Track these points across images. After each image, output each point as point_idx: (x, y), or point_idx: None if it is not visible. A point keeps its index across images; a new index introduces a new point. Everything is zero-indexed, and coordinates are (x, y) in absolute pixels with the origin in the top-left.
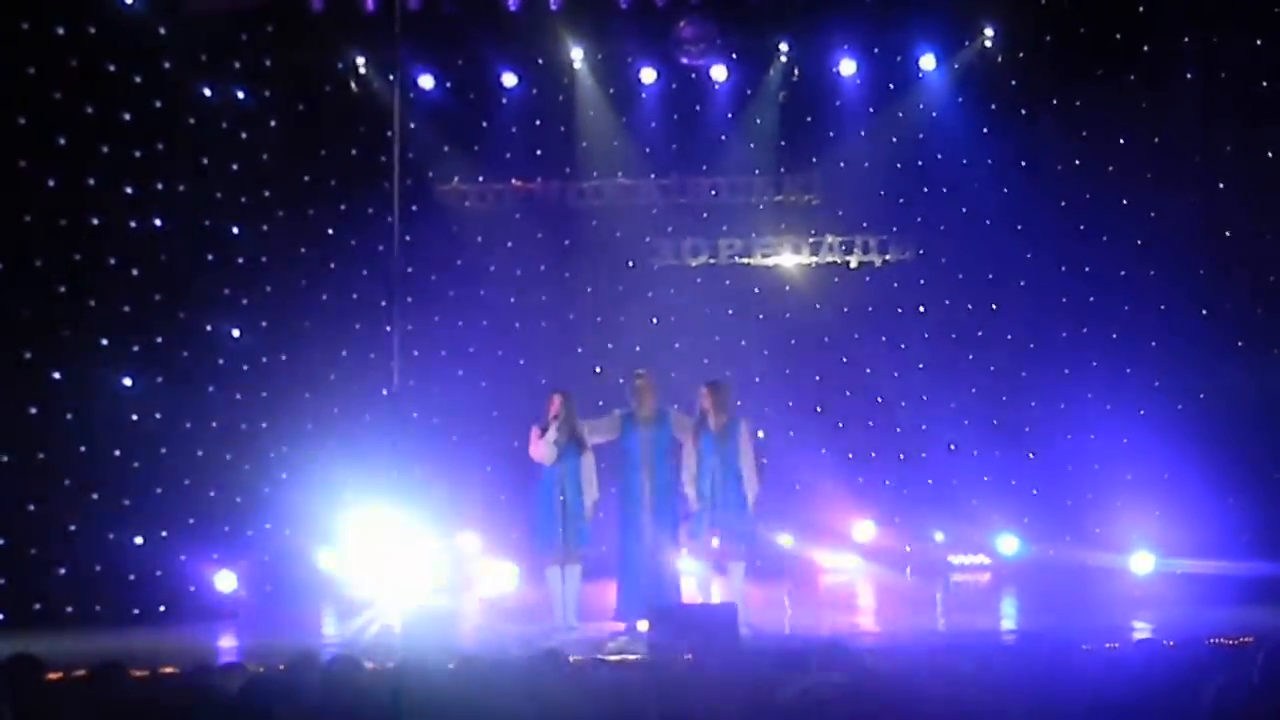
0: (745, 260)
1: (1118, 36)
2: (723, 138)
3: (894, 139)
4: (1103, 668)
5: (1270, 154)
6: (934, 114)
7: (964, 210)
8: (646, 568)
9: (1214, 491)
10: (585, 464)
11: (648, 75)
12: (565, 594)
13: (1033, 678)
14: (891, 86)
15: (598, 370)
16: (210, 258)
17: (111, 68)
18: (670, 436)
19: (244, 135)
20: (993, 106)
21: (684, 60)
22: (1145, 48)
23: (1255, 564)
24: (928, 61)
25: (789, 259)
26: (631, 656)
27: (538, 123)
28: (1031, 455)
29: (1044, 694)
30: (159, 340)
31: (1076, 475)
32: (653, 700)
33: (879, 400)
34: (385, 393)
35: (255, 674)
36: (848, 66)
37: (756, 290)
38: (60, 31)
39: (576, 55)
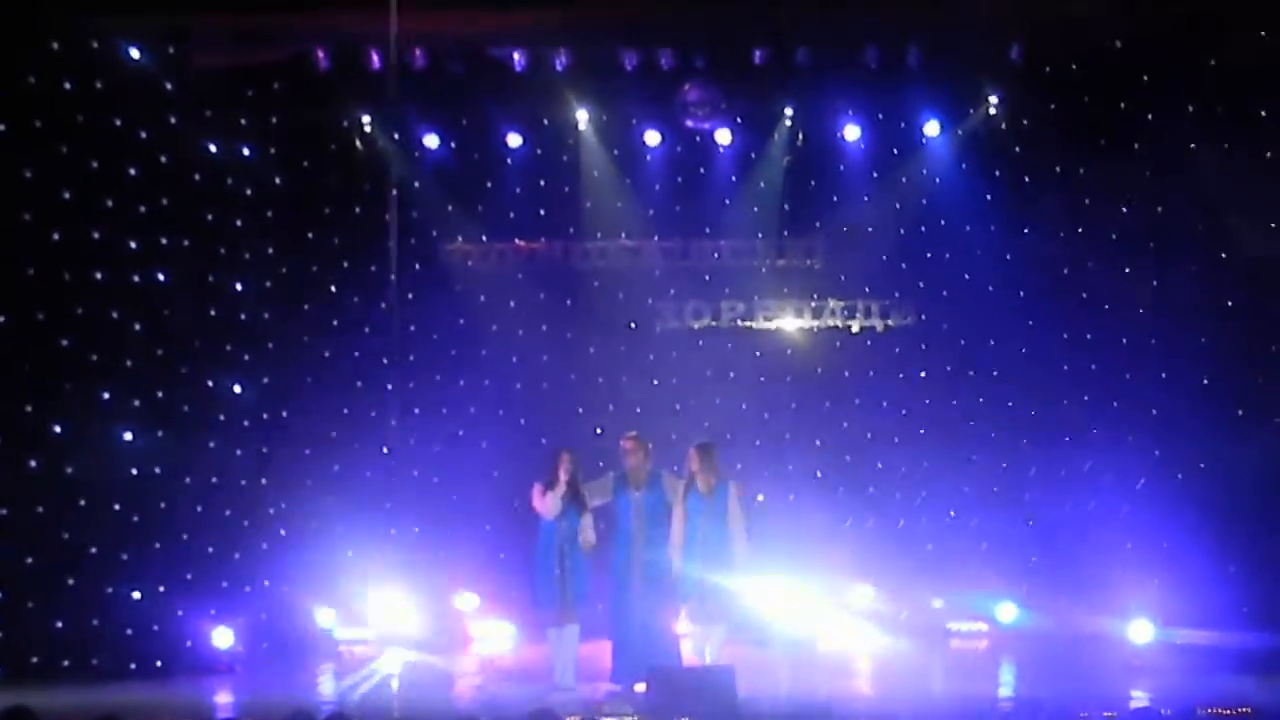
0: (747, 324)
1: (1122, 106)
2: (726, 201)
3: (897, 205)
4: None
5: (1272, 224)
6: (937, 180)
7: (966, 277)
8: (641, 629)
9: (1213, 561)
10: (585, 524)
11: (652, 138)
12: (563, 654)
13: None
14: (895, 152)
15: (598, 431)
16: (213, 313)
17: (118, 122)
18: (662, 499)
19: (249, 191)
20: (996, 174)
21: (689, 123)
22: (1149, 118)
23: (1253, 635)
24: (932, 128)
25: (791, 323)
26: (629, 718)
27: (542, 183)
28: (1030, 523)
29: None
30: (160, 395)
31: (1076, 543)
32: None
33: (879, 466)
34: (384, 451)
35: None
36: (852, 132)
37: (758, 354)
38: (68, 86)
39: (581, 117)
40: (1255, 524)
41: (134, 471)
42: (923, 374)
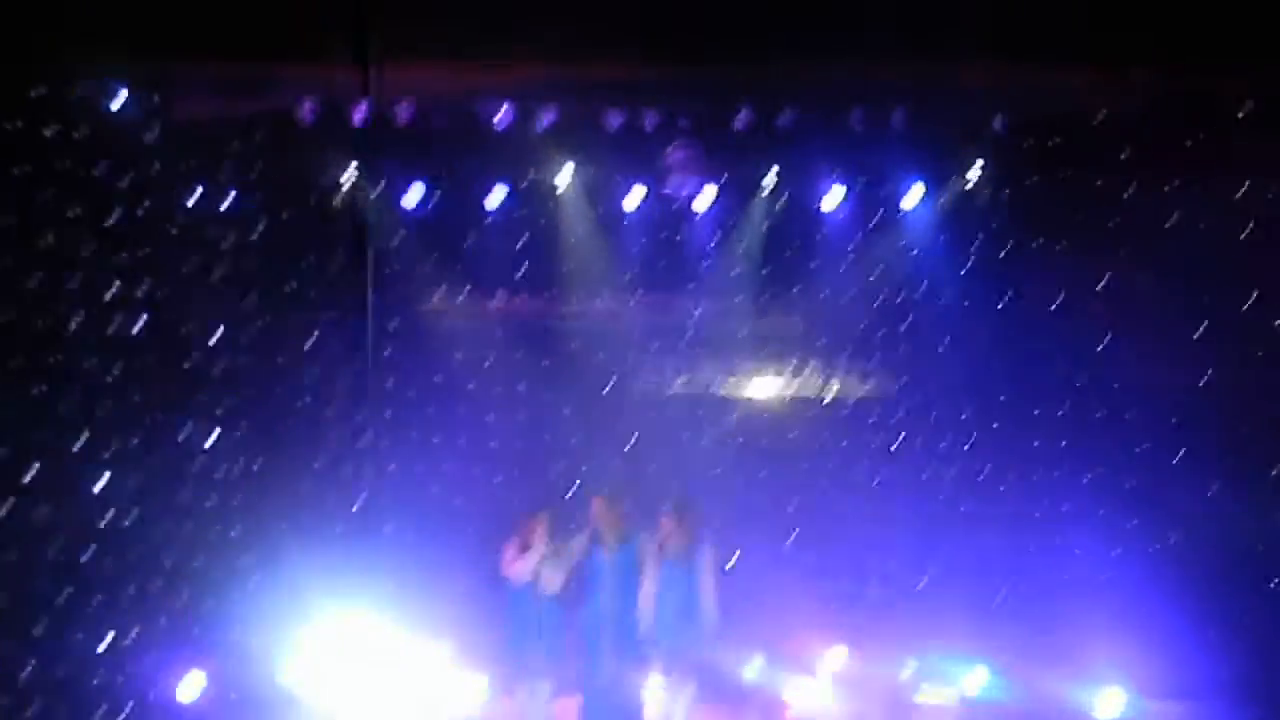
0: (724, 386)
1: (1098, 183)
2: (705, 263)
3: (878, 271)
4: None
5: (1255, 293)
6: (918, 249)
7: (941, 348)
8: (609, 691)
9: (1190, 631)
10: (546, 571)
11: (634, 197)
12: (534, 712)
13: None
14: (877, 219)
15: (571, 493)
16: (187, 364)
17: (97, 172)
18: (634, 559)
19: (227, 242)
20: (977, 241)
21: (671, 184)
22: (1130, 190)
23: (1224, 706)
24: (914, 195)
25: (768, 387)
26: None
27: (522, 241)
28: (1003, 590)
29: None
30: (134, 443)
31: (1048, 613)
32: None
33: (852, 532)
34: (354, 508)
35: None
36: (834, 197)
37: (734, 417)
38: (47, 133)
39: (564, 175)
40: (1232, 594)
41: (106, 518)
42: (899, 440)
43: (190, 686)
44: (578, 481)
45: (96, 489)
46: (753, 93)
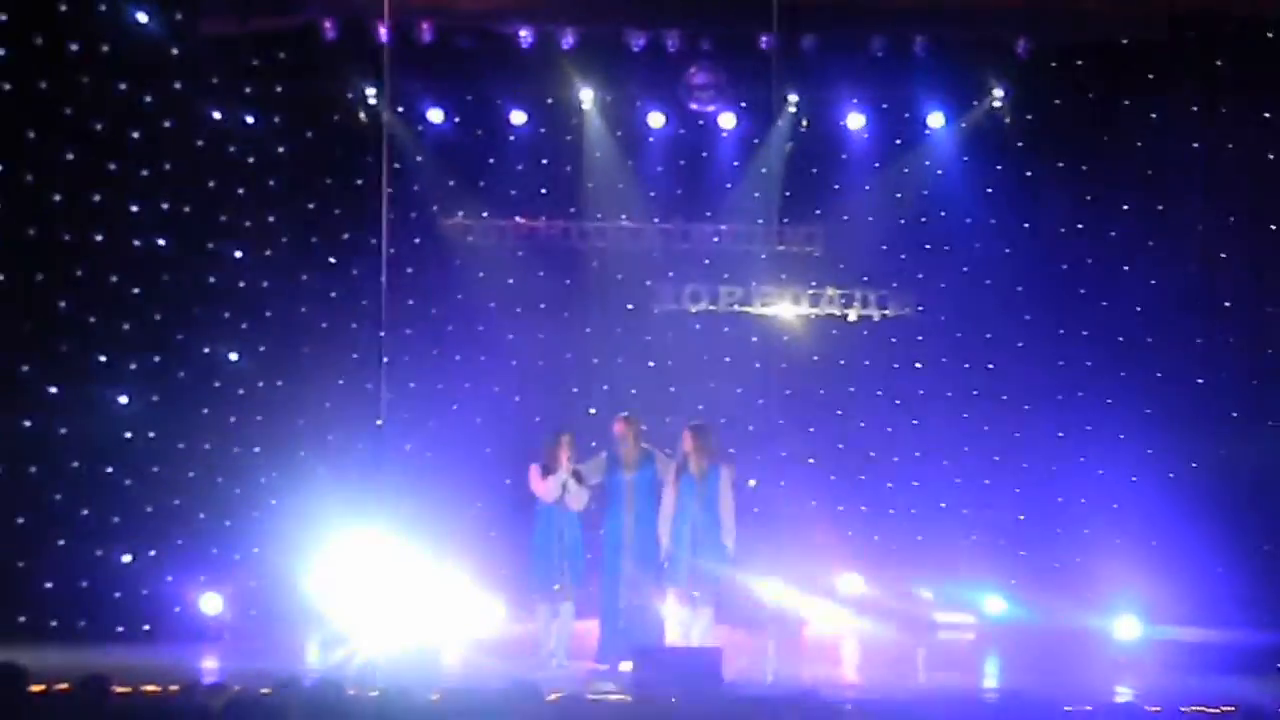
0: (744, 309)
1: (1125, 104)
2: (728, 185)
3: (898, 195)
4: None
5: (1274, 227)
6: (939, 172)
7: (965, 269)
8: (628, 610)
9: (1203, 559)
10: (574, 489)
11: (656, 119)
12: (558, 631)
13: None
14: (898, 142)
15: (591, 412)
16: (211, 280)
17: (123, 86)
18: (654, 480)
19: (251, 160)
20: (998, 167)
21: (693, 106)
22: (1152, 116)
23: (1241, 632)
24: (935, 119)
25: (788, 309)
26: (614, 696)
27: (544, 162)
28: (1021, 517)
29: None
30: (156, 360)
31: (1066, 538)
32: None
33: (871, 454)
34: (378, 423)
35: (239, 694)
36: (856, 121)
37: (754, 339)
38: (74, 48)
39: (586, 96)
40: (1247, 522)
41: (128, 435)
42: (918, 364)
43: (210, 602)
44: (597, 402)
45: (117, 406)
46: (776, 14)
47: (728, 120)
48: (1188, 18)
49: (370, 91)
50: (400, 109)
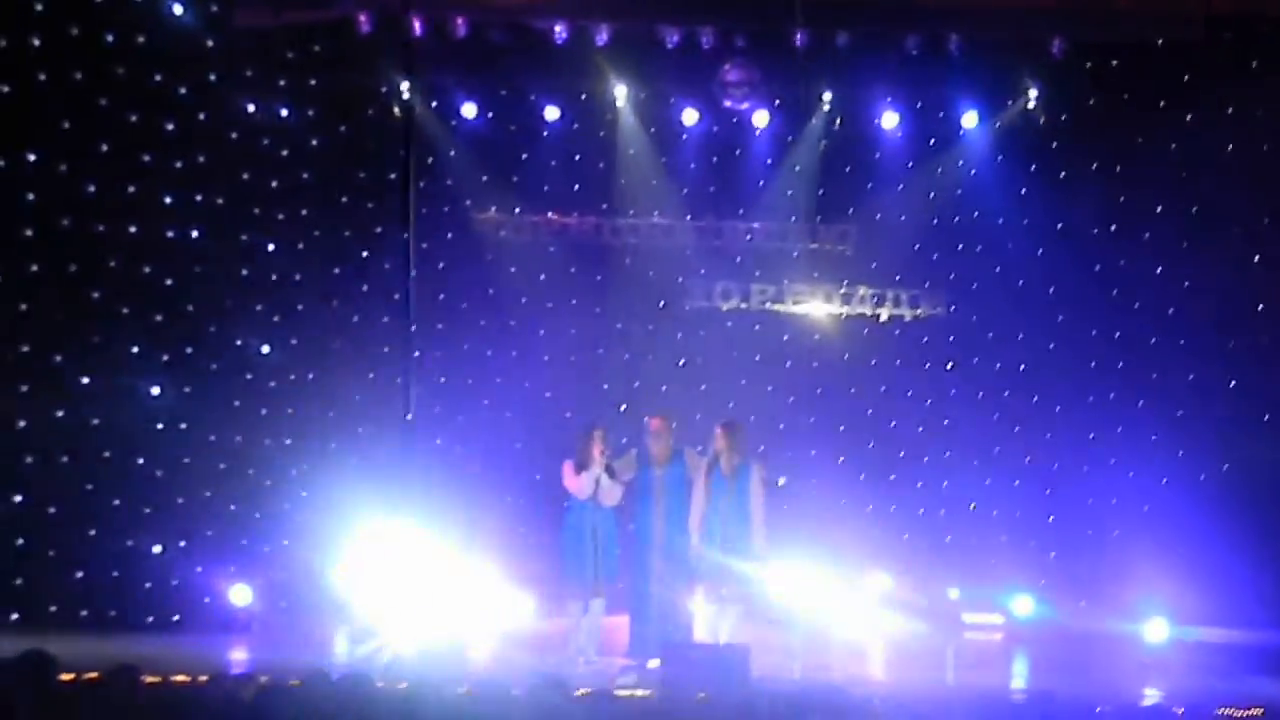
0: (776, 307)
1: (1161, 104)
2: (761, 183)
3: (932, 194)
4: None
5: None
6: (973, 171)
7: (997, 269)
8: (658, 606)
9: (1233, 562)
10: (608, 485)
11: (689, 116)
12: (588, 626)
13: None
14: (932, 142)
15: (622, 408)
16: (244, 272)
17: (157, 78)
18: (684, 477)
19: (284, 152)
20: (1032, 167)
21: (727, 103)
22: (1188, 117)
23: (1270, 634)
24: (970, 119)
25: (820, 308)
26: (642, 692)
27: (577, 157)
28: (1051, 518)
29: None
30: (188, 351)
31: (1095, 540)
32: None
33: (901, 454)
34: (408, 418)
35: (267, 685)
36: (890, 119)
37: (785, 337)
38: (109, 39)
39: (620, 92)
40: (1276, 525)
41: (159, 426)
42: (949, 365)
43: (240, 594)
44: (628, 398)
45: (149, 397)
46: (810, 12)
47: (761, 118)
48: (1223, 18)
49: (404, 85)
50: (433, 103)
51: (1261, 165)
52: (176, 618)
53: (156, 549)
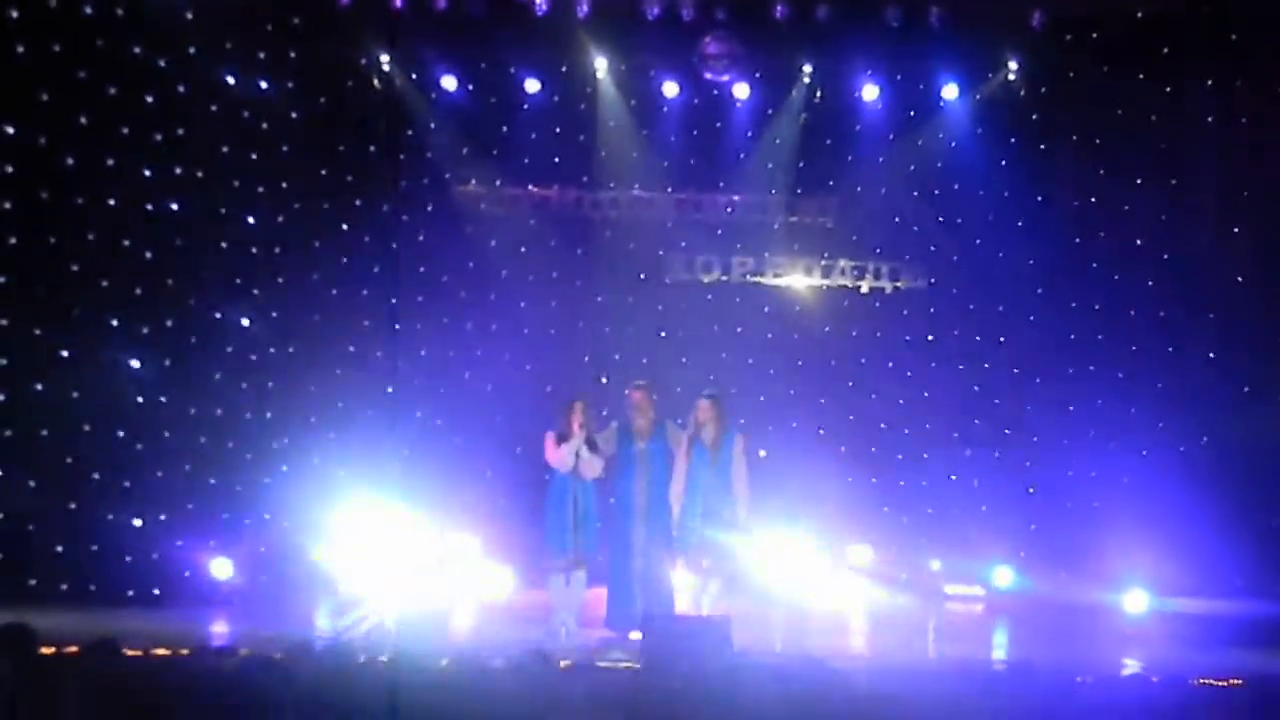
0: (757, 279)
1: (1140, 77)
2: (741, 156)
3: (912, 166)
4: (1093, 701)
5: None
6: (953, 144)
7: (977, 242)
8: (638, 578)
9: (1212, 533)
10: (588, 456)
11: (670, 89)
12: (569, 599)
13: (1022, 706)
14: (912, 114)
15: (603, 380)
16: (224, 245)
17: (137, 50)
18: (666, 449)
19: (264, 125)
20: (1012, 140)
21: (707, 76)
22: (1167, 89)
23: (1249, 605)
24: (950, 91)
25: (800, 280)
26: (624, 664)
27: (557, 130)
28: (1031, 489)
29: None
30: (168, 324)
31: (1075, 511)
32: (642, 707)
33: (882, 426)
34: (389, 391)
35: (249, 658)
36: (870, 92)
37: (766, 310)
38: (88, 11)
39: (600, 65)
40: (1256, 496)
41: (139, 399)
42: (930, 337)
43: (220, 567)
44: (608, 371)
45: (129, 370)
46: None
47: (742, 90)
48: None
49: (384, 58)
50: (413, 75)
51: (1241, 137)
52: (157, 591)
53: (136, 522)
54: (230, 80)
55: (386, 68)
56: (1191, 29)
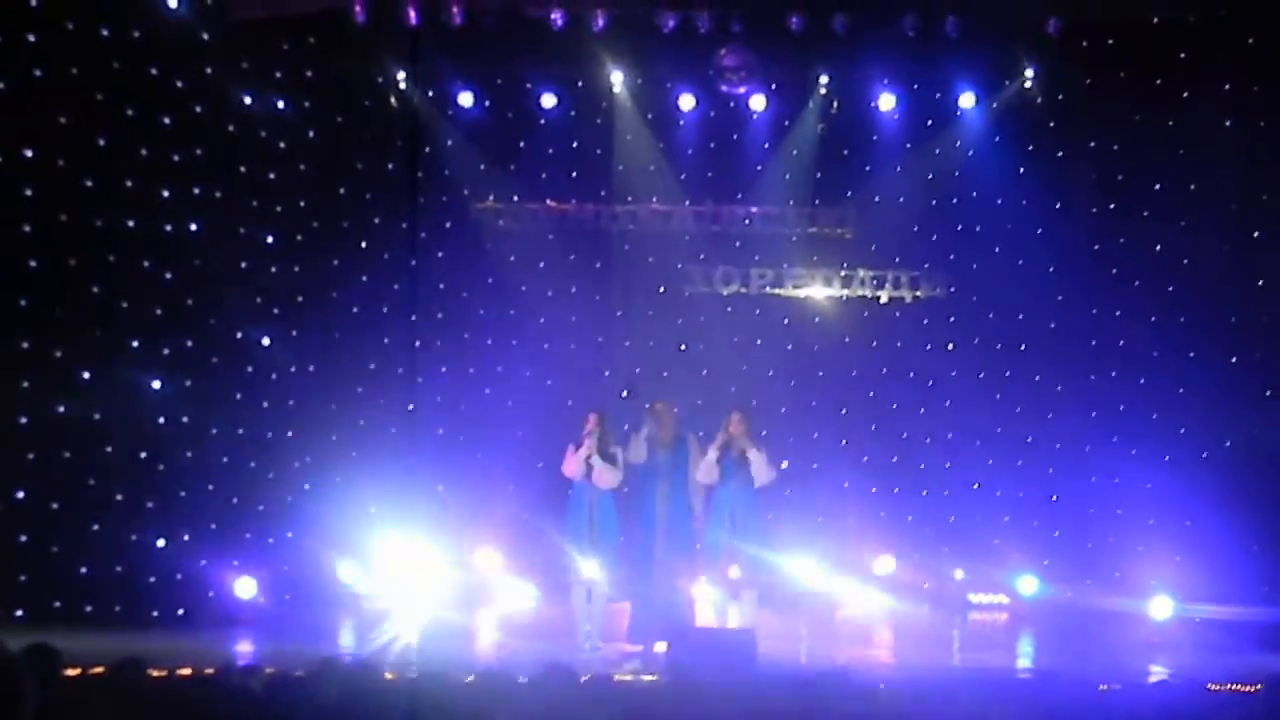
0: (776, 291)
1: (1158, 83)
2: (759, 167)
3: (930, 175)
4: (1118, 708)
5: None
6: (971, 152)
7: (996, 250)
8: (660, 591)
9: (1236, 539)
10: (600, 465)
11: (687, 102)
12: (590, 613)
13: (1047, 715)
14: (930, 123)
15: (624, 394)
16: (243, 265)
17: (154, 71)
18: (687, 462)
19: (282, 144)
20: (1030, 147)
21: (724, 88)
22: (1185, 95)
23: (1274, 611)
24: (967, 100)
25: (820, 291)
26: (647, 678)
27: (575, 144)
28: (1055, 497)
29: None
30: (189, 344)
31: (1099, 519)
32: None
33: (904, 436)
34: (410, 408)
35: (275, 676)
36: (887, 101)
37: (786, 321)
38: (105, 33)
39: (616, 79)
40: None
41: (161, 420)
42: (950, 346)
43: (244, 587)
44: (629, 385)
45: (150, 391)
46: None
47: (758, 102)
48: None
49: (400, 75)
50: (430, 92)
51: (1258, 142)
52: (181, 611)
53: (160, 543)
54: (248, 100)
55: (403, 85)
56: (1208, 35)
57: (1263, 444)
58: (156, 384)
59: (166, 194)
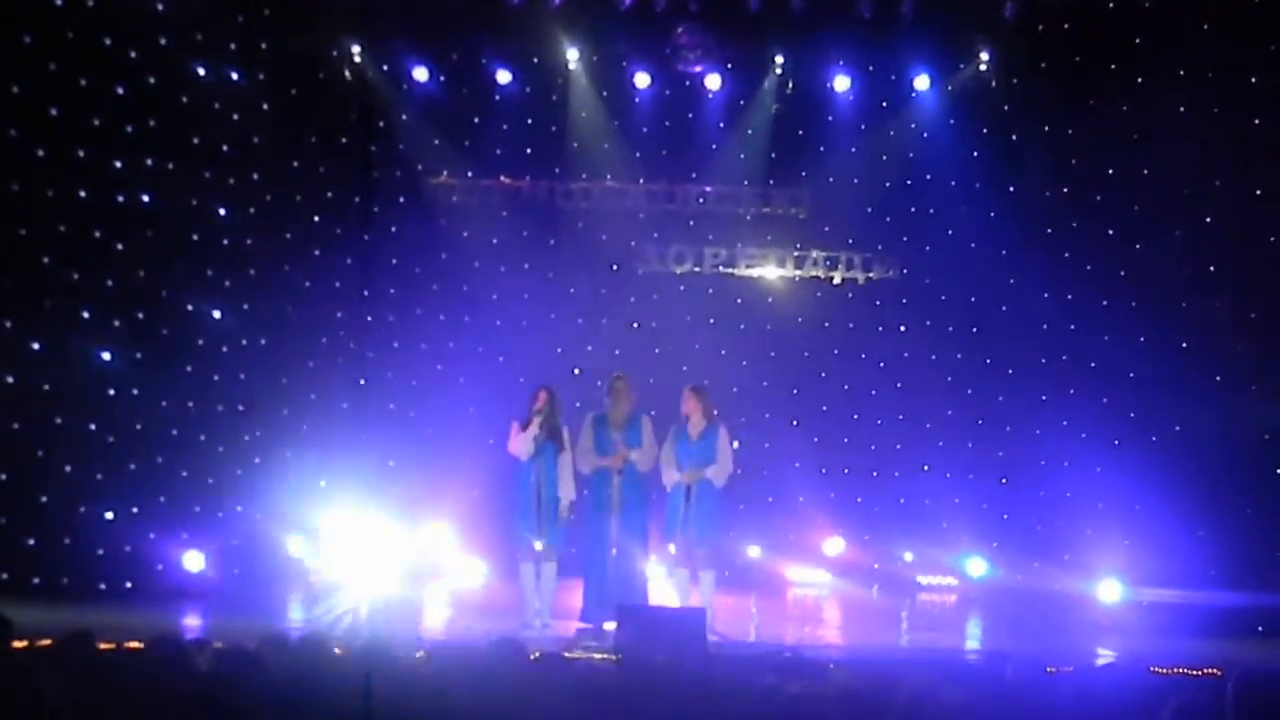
0: (729, 270)
1: (1112, 67)
2: (713, 147)
3: (884, 157)
4: (1065, 689)
5: (1259, 190)
6: (925, 135)
7: (949, 232)
8: (612, 570)
9: (1184, 523)
10: (562, 462)
11: (642, 80)
12: (540, 591)
13: (995, 696)
14: (884, 105)
15: (576, 372)
16: (195, 237)
17: (108, 41)
18: (641, 440)
19: (235, 117)
20: (984, 130)
21: (679, 67)
22: (1139, 80)
23: (1221, 595)
24: (922, 82)
25: (773, 271)
26: (598, 655)
27: (529, 121)
28: (1004, 480)
29: (1006, 712)
30: (140, 317)
31: (1048, 502)
32: (618, 699)
33: (855, 417)
34: (361, 383)
35: (223, 650)
36: (842, 83)
37: (739, 300)
38: (58, 2)
39: (572, 56)
40: (1229, 486)
41: (111, 392)
42: (902, 327)
43: (193, 560)
44: (581, 362)
45: (100, 362)
46: None
47: (713, 81)
48: None
49: (355, 49)
50: (385, 67)
51: (1212, 128)
52: (129, 584)
53: (109, 515)
54: (201, 71)
55: (358, 59)
56: (1163, 19)
57: (1211, 429)
58: (107, 355)
59: (119, 165)
